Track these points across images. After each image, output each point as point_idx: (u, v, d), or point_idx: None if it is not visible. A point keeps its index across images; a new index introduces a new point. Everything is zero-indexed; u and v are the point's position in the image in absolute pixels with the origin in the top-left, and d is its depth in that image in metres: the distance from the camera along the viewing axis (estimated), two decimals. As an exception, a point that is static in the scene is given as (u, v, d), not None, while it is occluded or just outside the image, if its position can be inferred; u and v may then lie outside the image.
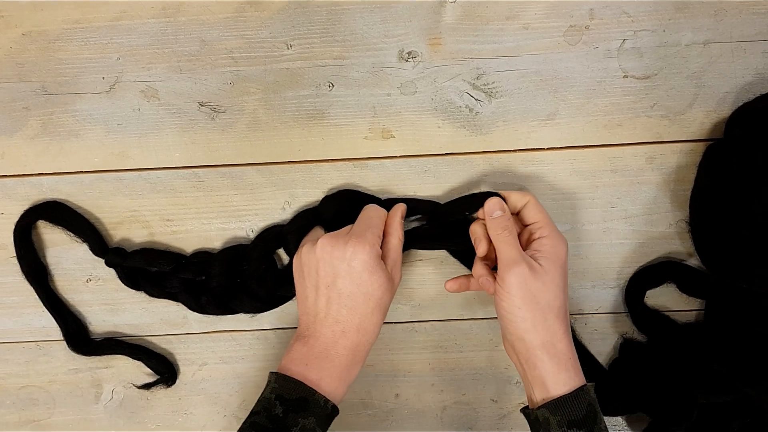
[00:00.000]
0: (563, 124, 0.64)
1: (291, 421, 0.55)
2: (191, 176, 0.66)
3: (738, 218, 0.56)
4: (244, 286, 0.67)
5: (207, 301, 0.67)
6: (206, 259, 0.67)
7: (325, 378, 0.57)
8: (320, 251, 0.58)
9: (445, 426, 0.74)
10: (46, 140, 0.65)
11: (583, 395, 0.55)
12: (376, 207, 0.62)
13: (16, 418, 0.74)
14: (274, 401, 0.56)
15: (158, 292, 0.68)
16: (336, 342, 0.57)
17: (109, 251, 0.66)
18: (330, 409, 0.57)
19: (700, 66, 0.62)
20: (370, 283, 0.57)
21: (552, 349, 0.56)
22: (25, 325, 0.71)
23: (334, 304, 0.57)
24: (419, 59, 0.62)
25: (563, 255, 0.58)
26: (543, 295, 0.56)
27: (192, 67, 0.63)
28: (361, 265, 0.57)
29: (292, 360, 0.58)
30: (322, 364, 0.57)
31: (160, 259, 0.66)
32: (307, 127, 0.64)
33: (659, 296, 0.68)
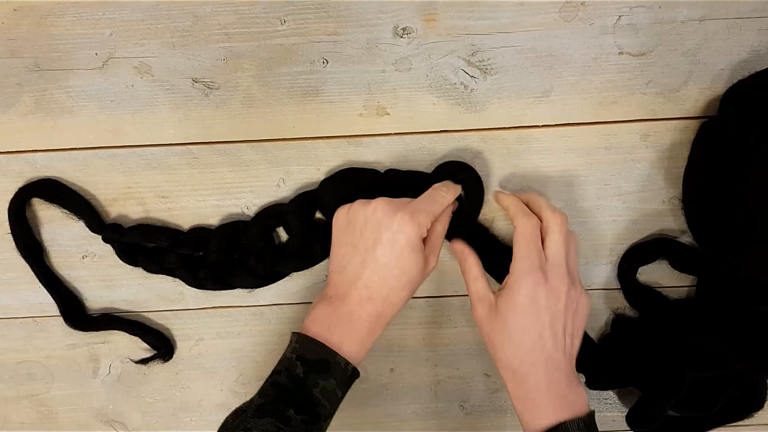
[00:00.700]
0: (558, 102, 0.64)
1: (312, 382, 0.55)
2: (186, 153, 0.66)
3: (730, 196, 0.56)
4: (242, 262, 0.67)
5: (205, 276, 0.67)
6: (204, 235, 0.67)
7: (346, 342, 0.57)
8: (371, 213, 0.57)
9: (439, 399, 0.75)
10: (40, 116, 0.65)
11: None
12: (446, 191, 0.61)
13: (15, 393, 0.75)
14: (295, 361, 0.56)
15: (156, 267, 0.68)
16: (361, 306, 0.57)
17: (107, 227, 0.66)
18: (350, 372, 0.57)
19: (695, 43, 0.62)
20: (408, 259, 0.57)
21: (514, 389, 0.58)
22: (22, 301, 0.71)
23: (368, 269, 0.57)
24: (414, 35, 0.62)
25: (520, 297, 0.56)
26: (496, 338, 0.59)
27: (185, 43, 0.62)
28: (405, 239, 0.56)
29: (314, 320, 0.58)
30: (344, 327, 0.57)
31: (158, 234, 0.66)
32: (301, 103, 0.64)
33: (651, 273, 0.69)
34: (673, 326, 0.66)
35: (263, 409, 0.54)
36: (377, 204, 0.58)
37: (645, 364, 0.67)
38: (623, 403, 0.75)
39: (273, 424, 0.53)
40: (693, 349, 0.65)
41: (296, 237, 0.66)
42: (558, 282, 0.57)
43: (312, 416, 0.55)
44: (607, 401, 0.74)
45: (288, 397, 0.55)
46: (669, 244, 0.67)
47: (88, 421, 0.76)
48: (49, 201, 0.67)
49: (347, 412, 0.75)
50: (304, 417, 0.55)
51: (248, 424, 0.53)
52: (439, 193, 0.60)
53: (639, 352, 0.67)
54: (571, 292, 0.57)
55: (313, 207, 0.66)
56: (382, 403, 0.75)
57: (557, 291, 0.57)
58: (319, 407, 0.56)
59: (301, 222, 0.65)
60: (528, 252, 0.57)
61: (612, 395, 0.74)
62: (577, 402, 0.56)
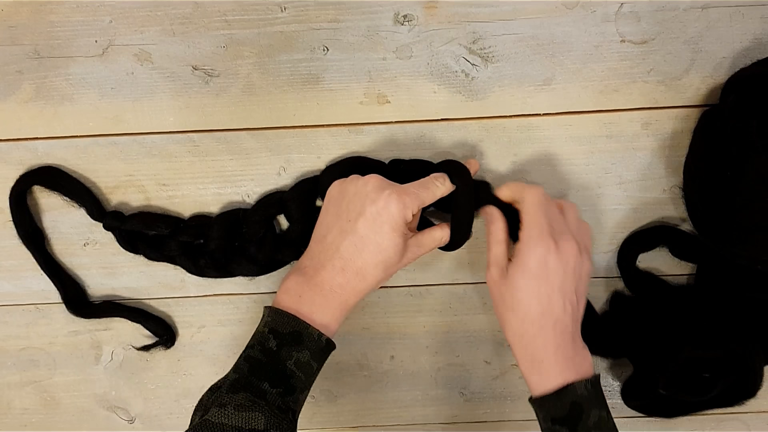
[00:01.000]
0: (559, 90, 0.63)
1: (285, 354, 0.55)
2: (186, 141, 0.66)
3: (731, 184, 0.56)
4: (242, 250, 0.67)
5: (206, 263, 0.67)
6: (205, 223, 0.67)
7: (318, 312, 0.57)
8: (362, 186, 0.58)
9: (439, 386, 0.76)
10: (40, 104, 0.65)
11: (566, 395, 0.56)
12: (440, 183, 0.60)
13: (18, 379, 0.75)
14: (267, 335, 0.56)
15: (156, 255, 0.68)
16: (333, 277, 0.57)
17: (107, 214, 0.66)
18: (324, 343, 0.57)
19: (697, 31, 0.61)
20: (386, 237, 0.57)
21: (522, 351, 0.59)
22: (24, 288, 0.71)
23: (346, 239, 0.57)
24: (415, 23, 0.62)
25: (531, 262, 0.57)
26: (506, 300, 0.59)
27: (185, 30, 0.62)
28: (387, 215, 0.56)
29: (286, 290, 0.58)
30: (315, 297, 0.57)
31: (159, 222, 0.66)
32: (302, 91, 0.64)
33: (651, 260, 0.69)
34: (672, 309, 0.67)
35: (238, 383, 0.54)
36: (369, 178, 0.58)
37: (641, 339, 0.67)
38: (614, 373, 0.75)
39: (248, 398, 0.53)
40: (691, 327, 0.65)
41: (297, 224, 0.66)
42: (567, 247, 0.58)
43: (287, 388, 0.55)
44: (606, 388, 0.75)
45: (262, 371, 0.55)
46: (669, 231, 0.67)
47: (91, 407, 0.76)
48: (50, 188, 0.67)
49: (348, 398, 0.76)
50: (279, 389, 0.55)
51: (223, 400, 0.53)
52: (433, 182, 0.60)
53: (636, 327, 0.68)
54: (577, 257, 0.58)
55: (313, 194, 0.66)
56: (383, 390, 0.76)
57: (566, 256, 0.58)
58: (294, 379, 0.56)
59: (302, 209, 0.65)
60: (538, 219, 0.58)
61: (611, 381, 0.74)
62: (583, 364, 0.58)
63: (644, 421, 0.77)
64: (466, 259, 0.70)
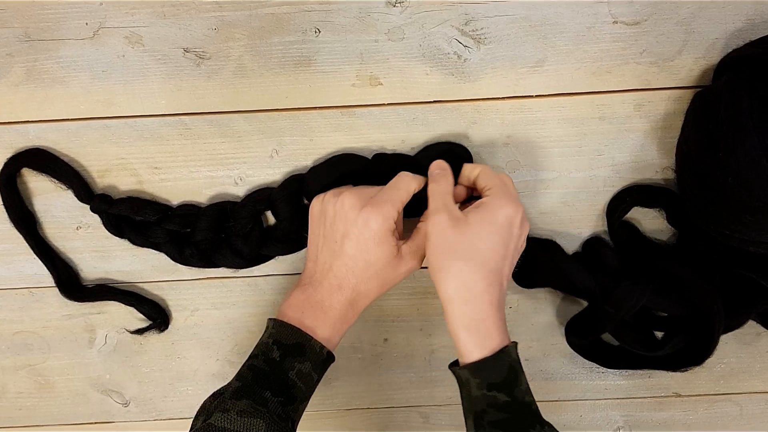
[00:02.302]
0: (552, 71, 0.63)
1: (288, 365, 0.57)
2: (178, 124, 0.65)
3: (723, 165, 0.56)
4: (228, 242, 0.68)
5: (191, 253, 0.68)
6: (192, 212, 0.67)
7: (319, 326, 0.58)
8: (339, 206, 0.59)
9: (433, 369, 0.76)
10: (31, 87, 0.64)
11: (503, 357, 0.55)
12: (410, 178, 0.60)
13: (12, 363, 0.76)
14: (271, 346, 0.57)
15: (142, 240, 0.68)
16: (331, 295, 0.59)
17: (95, 197, 0.66)
18: (325, 355, 0.59)
19: (690, 12, 0.61)
20: (373, 253, 0.58)
21: (463, 307, 0.55)
22: (17, 272, 0.71)
23: (337, 260, 0.59)
24: (407, 4, 0.61)
25: (500, 216, 0.56)
26: (461, 247, 0.56)
27: (176, 12, 0.62)
28: (369, 232, 0.57)
29: (289, 306, 0.60)
30: (317, 314, 0.59)
31: (146, 208, 0.66)
32: (293, 74, 0.64)
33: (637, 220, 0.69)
34: (646, 261, 0.67)
35: (241, 391, 0.56)
36: (345, 197, 0.58)
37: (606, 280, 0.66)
38: (618, 372, 0.76)
39: (250, 405, 0.54)
40: (660, 281, 0.65)
41: (284, 222, 0.67)
42: (526, 222, 0.60)
43: (288, 398, 0.56)
44: (598, 370, 0.75)
45: (265, 380, 0.56)
46: (672, 196, 0.66)
47: (85, 391, 0.77)
48: (39, 171, 0.66)
49: (342, 381, 0.76)
50: (280, 399, 0.56)
51: (226, 406, 0.54)
52: (404, 180, 0.60)
53: (604, 270, 0.67)
54: (524, 238, 0.60)
55: (301, 193, 0.66)
56: (377, 372, 0.76)
57: (525, 229, 0.59)
58: (295, 389, 0.57)
59: (290, 208, 0.66)
60: (505, 181, 0.59)
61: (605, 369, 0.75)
62: (506, 329, 0.57)
63: (637, 402, 0.77)
64: (459, 241, 0.70)
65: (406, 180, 0.60)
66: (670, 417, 0.79)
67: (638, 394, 0.77)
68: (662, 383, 0.76)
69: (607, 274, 0.67)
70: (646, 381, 0.76)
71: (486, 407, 0.55)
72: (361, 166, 0.65)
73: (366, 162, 0.65)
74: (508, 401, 0.54)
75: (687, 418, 0.78)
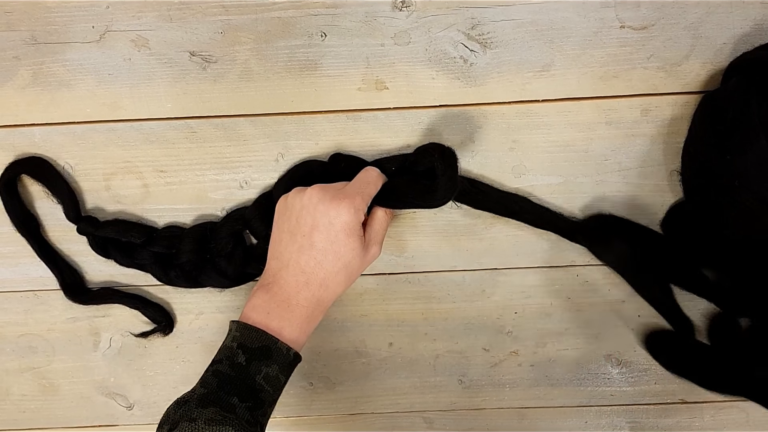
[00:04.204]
0: (558, 76, 0.63)
1: (254, 369, 0.56)
2: (184, 127, 0.65)
3: (730, 168, 0.56)
4: (212, 263, 0.68)
5: (176, 275, 0.68)
6: (177, 234, 0.68)
7: (287, 327, 0.58)
8: (307, 200, 0.58)
9: (438, 374, 0.76)
10: (37, 90, 0.64)
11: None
12: (377, 173, 0.61)
13: (16, 365, 0.76)
14: (236, 350, 0.56)
15: (128, 262, 0.68)
16: (298, 292, 0.58)
17: (82, 219, 0.67)
18: (292, 357, 0.58)
19: (697, 16, 0.61)
20: (344, 244, 0.58)
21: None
22: (22, 275, 0.71)
23: (305, 254, 0.58)
24: (413, 8, 0.61)
25: None
26: None
27: (182, 16, 0.62)
28: (340, 224, 0.57)
29: (253, 308, 0.58)
30: (283, 313, 0.58)
31: (133, 230, 0.67)
32: (299, 77, 0.64)
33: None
34: None
35: (207, 398, 0.55)
36: (312, 191, 0.58)
37: None
38: (624, 378, 0.75)
39: (218, 413, 0.53)
40: None
41: (263, 240, 0.66)
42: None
43: (256, 402, 0.56)
44: (604, 376, 0.75)
45: (231, 385, 0.55)
46: None
47: (89, 394, 0.77)
48: (36, 179, 0.67)
49: (346, 385, 0.76)
50: (248, 404, 0.55)
51: (192, 414, 0.53)
52: (372, 174, 0.61)
53: None
54: None
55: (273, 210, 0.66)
56: (381, 377, 0.76)
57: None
58: (263, 393, 0.56)
59: (265, 225, 0.65)
60: None
61: (610, 370, 0.74)
62: None
63: (643, 409, 0.77)
64: (465, 246, 0.70)
65: (374, 175, 0.61)
66: (676, 423, 0.78)
67: (644, 401, 0.77)
68: (668, 389, 0.76)
69: None
70: (652, 387, 0.76)
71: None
72: (321, 168, 0.65)
73: (322, 164, 0.65)
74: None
75: (693, 424, 0.78)
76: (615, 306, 0.72)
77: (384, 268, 0.71)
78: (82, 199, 0.68)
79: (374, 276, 0.71)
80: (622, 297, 0.71)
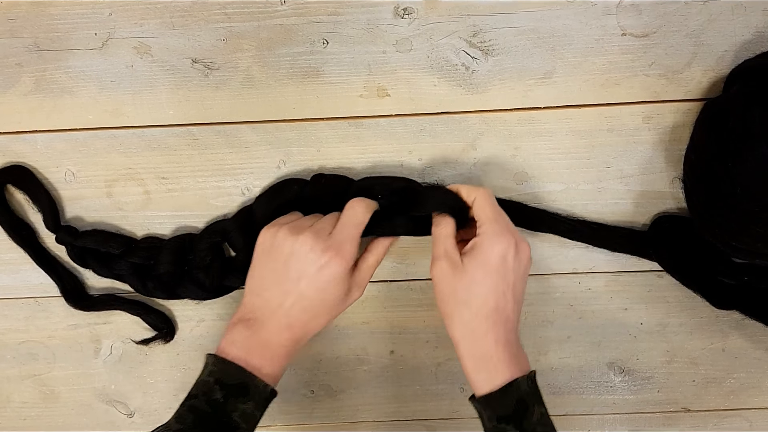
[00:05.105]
0: (560, 83, 0.63)
1: (231, 406, 0.55)
2: (185, 134, 0.65)
3: (731, 176, 0.55)
4: (191, 274, 0.68)
5: (153, 286, 0.68)
6: (156, 245, 0.67)
7: (266, 365, 0.57)
8: (298, 246, 0.57)
9: (439, 381, 0.75)
10: (40, 97, 0.65)
11: (511, 392, 0.55)
12: (363, 208, 0.60)
13: (17, 372, 0.75)
14: (213, 385, 0.56)
15: (106, 272, 0.68)
16: (280, 334, 0.58)
17: (61, 229, 0.67)
18: (269, 393, 0.58)
19: (699, 24, 0.61)
20: (331, 292, 0.58)
21: (470, 348, 0.58)
22: (23, 282, 0.71)
23: (290, 299, 0.58)
24: (415, 16, 0.61)
25: (492, 257, 0.57)
26: (461, 293, 0.57)
27: (185, 23, 0.62)
28: (330, 275, 0.57)
29: (232, 342, 0.58)
30: (264, 352, 0.58)
31: (111, 241, 0.67)
32: (301, 84, 0.64)
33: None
34: None
35: None
36: (305, 239, 0.57)
37: None
38: (626, 386, 0.75)
39: None
40: None
41: (241, 253, 0.66)
42: (524, 247, 0.58)
43: None
44: (606, 384, 0.75)
45: (207, 423, 0.55)
46: None
47: (90, 401, 0.76)
48: (18, 188, 0.67)
49: (348, 393, 0.76)
50: None
51: None
52: (356, 212, 0.60)
53: None
54: (530, 259, 0.59)
55: (253, 223, 0.66)
56: (383, 385, 0.76)
57: (522, 255, 0.58)
58: (239, 431, 0.56)
59: (244, 238, 0.65)
60: (497, 214, 0.59)
61: (612, 378, 0.74)
62: (524, 361, 0.58)
63: (646, 417, 0.77)
64: (466, 253, 0.69)
65: (358, 212, 0.60)
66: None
67: (647, 409, 0.76)
68: (671, 398, 0.75)
69: None
70: (655, 396, 0.75)
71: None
72: (300, 190, 0.65)
73: (304, 185, 0.65)
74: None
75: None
76: (617, 314, 0.72)
77: (386, 276, 0.71)
78: (83, 207, 0.68)
79: (376, 283, 0.71)
80: (624, 305, 0.71)
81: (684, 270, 0.67)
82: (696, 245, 0.65)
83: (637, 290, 0.71)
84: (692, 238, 0.64)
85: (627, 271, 0.70)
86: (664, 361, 0.73)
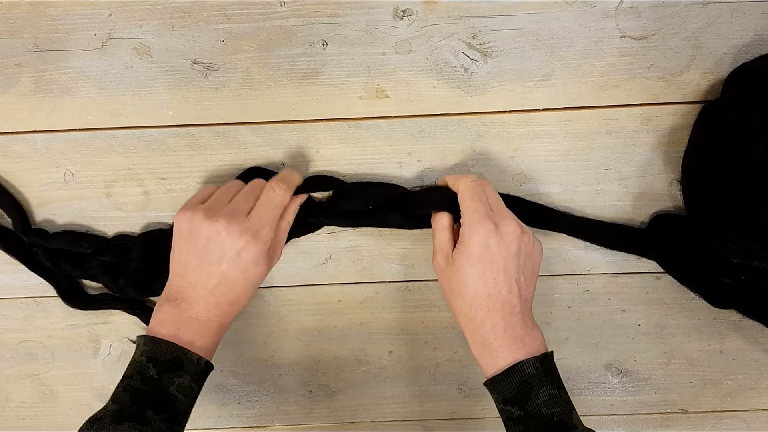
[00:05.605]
0: (559, 85, 0.63)
1: (166, 381, 0.56)
2: (185, 135, 0.66)
3: (729, 178, 0.56)
4: (162, 270, 0.67)
5: (125, 283, 0.68)
6: (126, 243, 0.67)
7: (198, 339, 0.58)
8: (215, 233, 0.58)
9: (438, 382, 0.76)
10: (39, 97, 0.65)
11: (513, 374, 0.56)
12: (282, 190, 0.61)
13: (16, 372, 0.75)
14: (146, 364, 0.56)
15: (79, 272, 0.68)
16: (208, 311, 0.59)
17: (31, 232, 0.67)
18: (204, 366, 0.58)
19: (698, 26, 0.61)
20: (252, 271, 0.59)
21: (472, 335, 0.59)
22: (21, 282, 0.71)
23: (213, 280, 0.58)
24: (414, 17, 0.62)
25: (474, 246, 0.57)
26: (454, 285, 0.59)
27: (184, 24, 0.62)
28: (249, 257, 0.58)
29: (161, 322, 0.58)
30: (194, 327, 0.58)
31: (82, 241, 0.67)
32: (301, 86, 0.64)
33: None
34: None
35: (121, 414, 0.54)
36: (219, 225, 0.58)
37: None
38: (624, 387, 0.75)
39: (133, 428, 0.53)
40: None
41: None
42: (508, 229, 0.58)
43: (171, 413, 0.56)
44: (604, 386, 0.75)
45: (144, 399, 0.55)
46: None
47: (89, 401, 0.76)
48: None
49: (346, 394, 0.76)
50: (163, 416, 0.55)
51: (107, 431, 0.53)
52: (276, 194, 0.61)
53: None
54: (523, 237, 0.59)
55: None
56: (381, 386, 0.76)
57: (508, 237, 0.58)
58: (177, 403, 0.56)
59: None
60: (474, 204, 0.59)
61: (610, 379, 0.74)
62: (533, 343, 0.58)
63: (643, 419, 0.77)
64: (465, 254, 0.70)
65: (277, 194, 0.61)
66: (677, 433, 0.78)
67: (644, 410, 0.76)
68: (669, 399, 0.76)
69: None
70: (653, 397, 0.75)
71: (506, 420, 0.58)
72: None
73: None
74: (521, 415, 0.56)
75: (693, 434, 0.78)
76: (615, 315, 0.72)
77: (384, 277, 0.71)
78: (82, 207, 0.68)
79: (374, 284, 0.71)
80: (622, 306, 0.71)
81: (682, 269, 0.67)
82: (694, 244, 0.65)
83: (635, 292, 0.71)
84: (690, 237, 0.65)
85: (625, 272, 0.70)
86: (662, 362, 0.74)
